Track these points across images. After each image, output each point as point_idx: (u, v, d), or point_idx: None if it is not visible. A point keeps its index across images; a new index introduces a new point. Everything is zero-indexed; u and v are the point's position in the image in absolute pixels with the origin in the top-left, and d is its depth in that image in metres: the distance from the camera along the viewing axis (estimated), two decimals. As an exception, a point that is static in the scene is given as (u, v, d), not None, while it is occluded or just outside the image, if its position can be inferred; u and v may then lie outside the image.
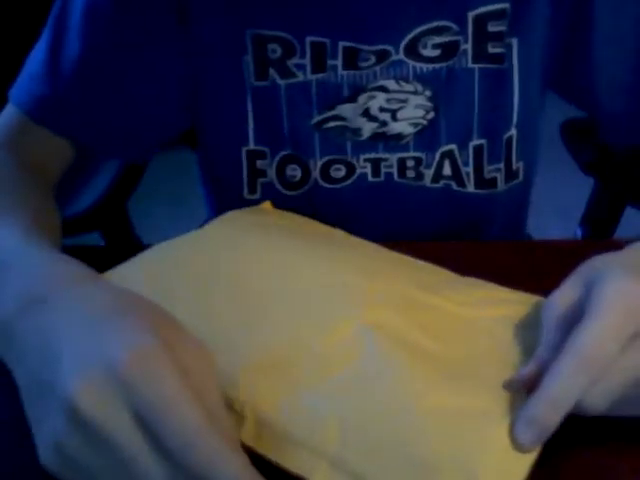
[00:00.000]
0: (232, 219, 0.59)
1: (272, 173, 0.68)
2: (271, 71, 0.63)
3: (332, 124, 0.65)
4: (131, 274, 0.51)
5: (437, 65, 0.63)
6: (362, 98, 0.64)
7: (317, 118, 0.65)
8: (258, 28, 0.62)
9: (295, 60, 0.62)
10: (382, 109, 0.64)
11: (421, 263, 0.55)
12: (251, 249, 0.53)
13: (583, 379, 0.36)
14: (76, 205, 0.88)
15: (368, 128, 0.65)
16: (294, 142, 0.66)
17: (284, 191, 0.68)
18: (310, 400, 0.40)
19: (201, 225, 0.59)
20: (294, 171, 0.67)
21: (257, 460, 0.39)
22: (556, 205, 1.73)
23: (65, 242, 0.57)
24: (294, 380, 0.41)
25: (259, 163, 0.67)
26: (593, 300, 0.38)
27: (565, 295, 0.41)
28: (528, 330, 0.45)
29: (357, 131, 0.65)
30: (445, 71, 0.63)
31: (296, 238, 0.56)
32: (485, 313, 0.47)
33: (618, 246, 0.45)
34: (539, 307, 0.47)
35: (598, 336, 0.36)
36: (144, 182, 0.97)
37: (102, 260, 0.51)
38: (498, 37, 0.63)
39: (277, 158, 0.67)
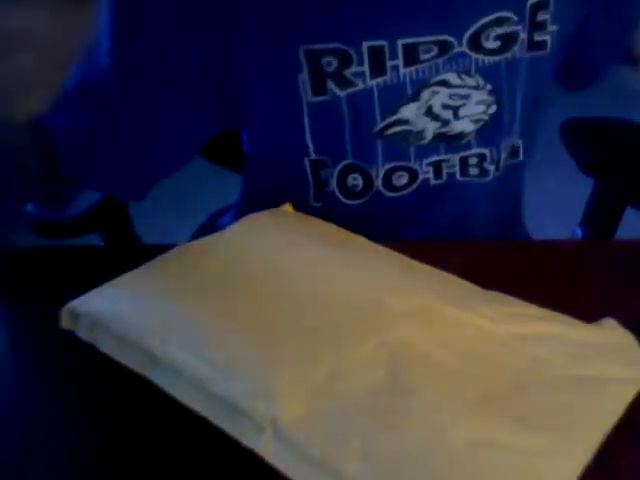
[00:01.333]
0: (253, 222, 0.59)
1: (333, 182, 0.67)
2: (329, 84, 0.61)
3: (395, 129, 0.64)
4: (152, 275, 0.51)
5: (497, 57, 0.63)
6: (425, 94, 0.63)
7: (380, 125, 0.63)
8: (311, 43, 0.60)
9: (353, 69, 0.61)
10: (444, 106, 0.64)
11: (445, 275, 0.53)
12: (271, 255, 0.52)
13: None
14: (77, 206, 0.88)
15: (431, 128, 0.64)
16: (356, 151, 0.65)
17: (345, 200, 0.68)
18: (331, 419, 0.40)
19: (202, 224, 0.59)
20: (355, 180, 0.66)
21: (266, 468, 0.39)
22: (556, 205, 1.73)
23: (65, 243, 0.57)
24: (315, 396, 0.41)
25: (322, 172, 0.67)
26: None
27: None
28: (559, 349, 0.45)
29: (420, 133, 0.64)
30: (505, 63, 0.64)
31: (316, 244, 0.55)
32: (514, 330, 0.47)
33: (618, 246, 0.45)
34: (569, 325, 0.48)
35: None
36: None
37: (102, 261, 0.51)
38: (543, 26, 0.65)
39: (338, 168, 0.66)
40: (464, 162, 0.67)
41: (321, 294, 0.48)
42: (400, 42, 0.60)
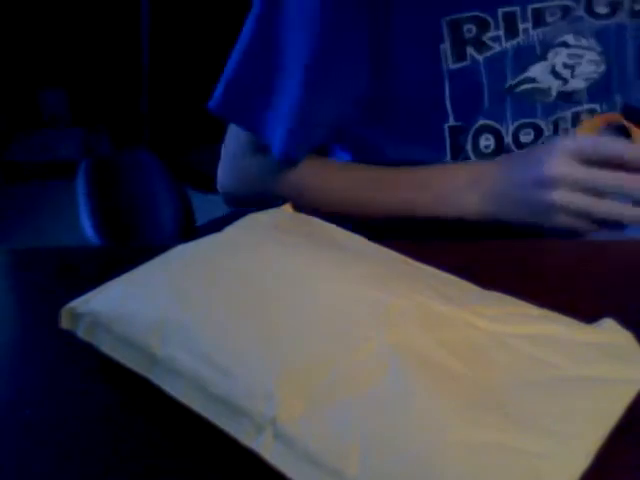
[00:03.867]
0: (252, 223, 0.59)
1: (469, 146, 0.72)
2: (468, 50, 0.69)
3: (524, 87, 0.71)
4: (152, 275, 0.51)
5: (606, 21, 0.71)
6: (551, 54, 0.70)
7: (510, 82, 0.70)
8: (452, 13, 0.68)
9: (490, 34, 0.68)
10: (565, 65, 0.71)
11: (444, 275, 0.53)
12: (270, 256, 0.52)
13: None
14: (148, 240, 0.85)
15: (555, 87, 0.71)
16: (489, 111, 0.71)
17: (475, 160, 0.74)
18: (331, 420, 0.39)
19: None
20: (487, 141, 0.72)
21: (265, 468, 0.39)
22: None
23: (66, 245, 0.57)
24: (315, 397, 0.41)
25: (460, 138, 0.72)
26: None
27: None
28: (558, 350, 0.45)
29: (547, 91, 0.71)
30: (614, 27, 0.72)
31: (316, 245, 0.55)
32: (514, 330, 0.46)
33: (618, 247, 0.45)
34: (568, 326, 0.47)
35: None
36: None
37: (102, 261, 0.51)
38: None
39: (472, 130, 0.72)
40: (577, 117, 0.73)
41: (320, 294, 0.48)
42: (530, 7, 0.69)
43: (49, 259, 0.60)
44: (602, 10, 0.71)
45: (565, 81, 0.72)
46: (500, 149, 0.72)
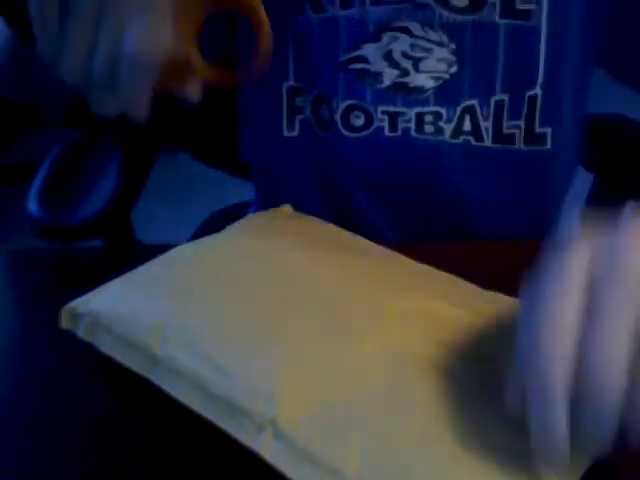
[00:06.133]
0: (251, 223, 0.59)
1: (308, 111, 0.69)
2: (305, 5, 0.64)
3: (355, 66, 0.66)
4: (151, 275, 0.51)
5: (464, 17, 0.63)
6: (386, 37, 0.64)
7: (343, 57, 0.65)
8: None
9: None
10: (405, 55, 0.65)
11: (445, 275, 0.53)
12: (270, 257, 0.52)
13: None
14: (81, 212, 0.88)
15: (389, 74, 0.65)
16: (323, 81, 0.67)
17: (318, 131, 0.69)
18: (331, 420, 0.39)
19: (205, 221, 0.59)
20: (323, 111, 0.68)
21: (265, 468, 0.39)
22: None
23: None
24: (315, 397, 0.40)
25: (298, 100, 0.68)
26: None
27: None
28: None
29: (378, 76, 0.65)
30: (471, 24, 0.63)
31: (316, 245, 0.55)
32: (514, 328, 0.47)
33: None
34: None
35: None
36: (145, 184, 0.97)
37: (102, 261, 0.51)
38: None
39: (311, 97, 0.68)
40: (420, 118, 0.67)
41: (321, 295, 0.48)
42: None
43: (49, 259, 0.60)
44: (458, 3, 0.63)
45: (404, 72, 0.65)
46: (331, 124, 0.67)
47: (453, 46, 0.64)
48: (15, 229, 1.12)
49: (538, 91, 0.66)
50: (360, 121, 0.67)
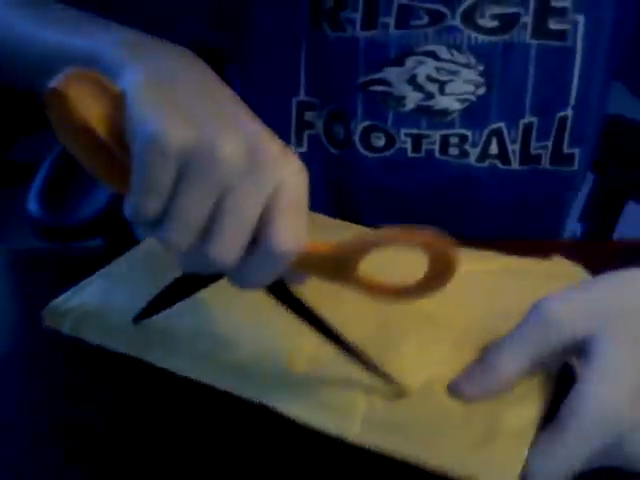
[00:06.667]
0: None
1: (320, 126, 0.66)
2: (323, 22, 0.61)
3: (376, 88, 0.63)
4: (132, 263, 0.52)
5: (494, 38, 0.61)
6: (410, 62, 0.62)
7: (363, 79, 0.63)
8: None
9: (346, 13, 0.60)
10: (430, 78, 0.62)
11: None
12: None
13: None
14: (81, 211, 0.88)
15: (412, 98, 0.63)
16: (340, 99, 0.64)
17: (330, 147, 0.67)
18: (334, 367, 0.41)
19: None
20: (339, 129, 0.66)
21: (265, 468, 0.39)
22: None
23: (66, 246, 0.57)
24: (318, 348, 0.42)
25: (308, 115, 0.66)
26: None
27: (566, 324, 0.39)
28: (515, 282, 0.48)
29: (400, 100, 0.63)
30: (502, 45, 0.61)
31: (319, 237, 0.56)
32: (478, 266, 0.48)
33: (618, 246, 0.45)
34: (523, 262, 0.51)
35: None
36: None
37: (102, 261, 0.51)
38: (561, 13, 0.61)
39: (325, 112, 0.65)
40: (445, 140, 0.65)
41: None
42: (397, 1, 0.59)
43: (49, 259, 0.60)
44: (487, 23, 0.60)
45: (429, 96, 0.63)
46: (348, 142, 0.65)
47: (481, 68, 0.62)
48: (15, 229, 1.12)
49: (569, 112, 0.64)
50: (381, 142, 0.65)
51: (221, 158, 0.35)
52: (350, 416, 0.39)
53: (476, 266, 0.48)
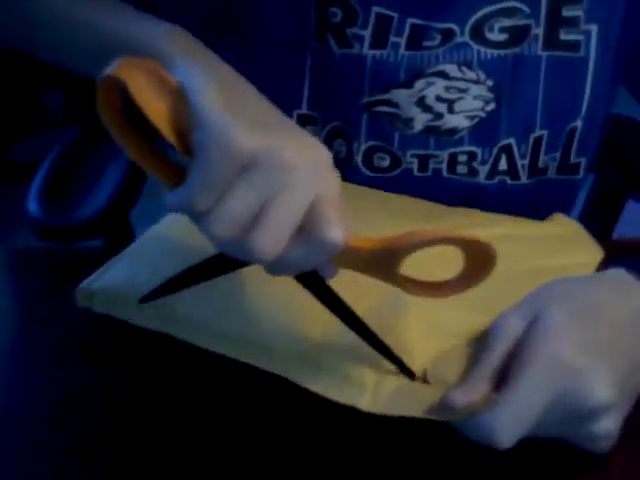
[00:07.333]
0: None
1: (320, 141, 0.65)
2: (329, 37, 0.59)
3: (383, 109, 0.61)
4: (155, 242, 0.53)
5: (503, 51, 0.59)
6: (419, 84, 0.60)
7: (368, 99, 0.61)
8: None
9: (355, 30, 0.58)
10: (439, 99, 0.60)
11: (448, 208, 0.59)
12: None
13: None
14: (81, 211, 0.88)
15: (421, 120, 0.61)
16: (343, 117, 0.62)
17: None
18: (343, 339, 0.43)
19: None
20: (340, 146, 0.64)
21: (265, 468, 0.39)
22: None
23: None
24: (330, 322, 0.43)
25: (308, 129, 0.63)
26: (524, 356, 0.40)
27: (512, 324, 0.42)
28: (514, 246, 0.49)
29: (408, 122, 0.61)
30: (511, 58, 0.59)
31: None
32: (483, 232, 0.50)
33: (618, 247, 0.45)
34: (521, 224, 0.55)
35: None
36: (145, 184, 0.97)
37: (102, 261, 0.51)
38: (573, 23, 0.59)
39: (327, 128, 0.63)
40: (453, 158, 0.63)
41: None
42: (410, 21, 0.57)
43: (49, 259, 0.60)
44: (495, 37, 0.58)
45: (438, 116, 0.61)
46: (350, 161, 0.63)
47: (490, 83, 0.60)
48: (15, 229, 1.12)
49: (579, 123, 0.63)
50: (385, 163, 0.63)
51: (287, 165, 0.37)
52: (361, 385, 0.41)
53: (480, 232, 0.48)
